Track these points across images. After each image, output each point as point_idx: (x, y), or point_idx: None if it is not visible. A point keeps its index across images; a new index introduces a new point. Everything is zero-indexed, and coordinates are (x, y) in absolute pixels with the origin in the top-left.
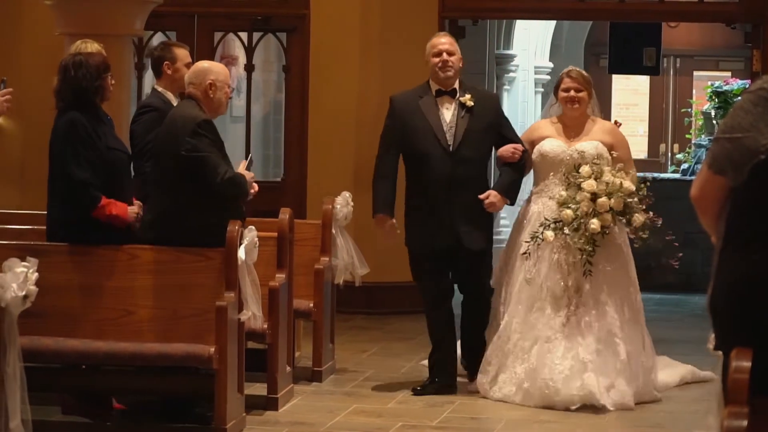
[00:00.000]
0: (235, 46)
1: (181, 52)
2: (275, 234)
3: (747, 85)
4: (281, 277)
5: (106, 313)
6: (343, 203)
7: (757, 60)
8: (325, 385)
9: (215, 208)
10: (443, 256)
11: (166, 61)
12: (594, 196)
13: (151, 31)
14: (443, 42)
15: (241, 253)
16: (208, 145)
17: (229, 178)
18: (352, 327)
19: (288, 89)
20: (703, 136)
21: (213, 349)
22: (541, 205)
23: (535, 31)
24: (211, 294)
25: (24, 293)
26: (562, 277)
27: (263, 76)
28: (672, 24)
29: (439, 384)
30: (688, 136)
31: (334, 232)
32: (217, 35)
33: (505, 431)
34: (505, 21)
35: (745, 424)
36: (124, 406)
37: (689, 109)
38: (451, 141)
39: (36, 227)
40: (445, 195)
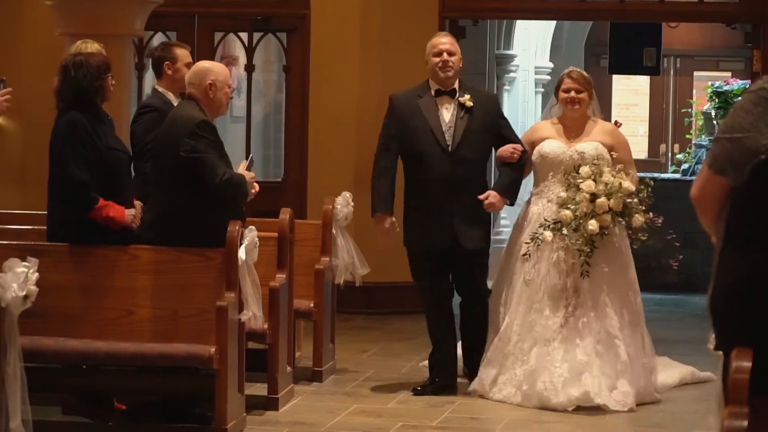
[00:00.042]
0: (235, 47)
1: (181, 53)
2: (276, 234)
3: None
4: (282, 277)
5: (107, 313)
6: (343, 203)
7: (757, 60)
8: (326, 385)
9: (215, 209)
10: (442, 256)
11: (167, 62)
12: (593, 197)
13: (152, 32)
14: (444, 42)
15: (242, 253)
16: (207, 146)
17: (227, 179)
18: (353, 327)
19: (288, 89)
20: (703, 137)
21: (213, 350)
22: (541, 206)
23: (535, 32)
24: (212, 294)
25: (24, 293)
26: (560, 277)
27: (263, 76)
28: (672, 24)
29: (440, 384)
30: (688, 136)
31: (334, 232)
32: (218, 35)
33: (505, 431)
34: (505, 21)
35: (745, 424)
36: (124, 406)
37: (689, 110)
38: (450, 141)
39: (36, 227)
40: (443, 195)
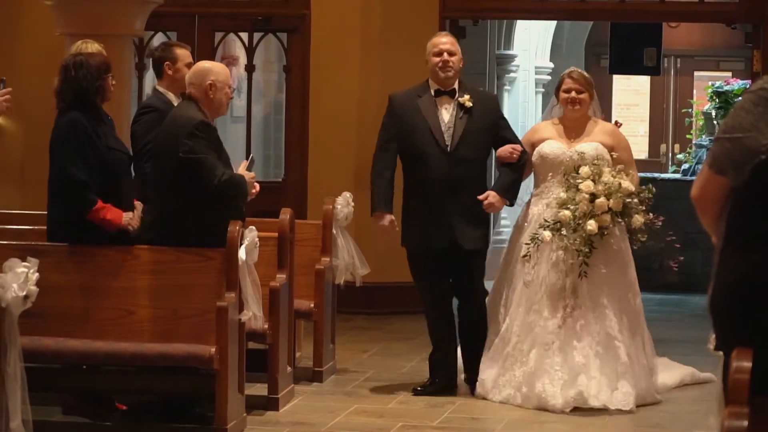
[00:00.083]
0: (235, 47)
1: (181, 53)
2: (276, 234)
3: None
4: (282, 277)
5: (107, 313)
6: (343, 203)
7: (757, 60)
8: (326, 386)
9: (214, 209)
10: (441, 256)
11: (167, 62)
12: (592, 197)
13: (152, 32)
14: (444, 42)
15: (242, 254)
16: (206, 147)
17: (225, 180)
18: (353, 327)
19: (288, 89)
20: (703, 137)
21: (213, 350)
22: (541, 207)
23: (535, 32)
24: (212, 294)
25: (24, 293)
26: (559, 278)
27: (264, 76)
28: (672, 24)
29: (440, 384)
30: (688, 136)
31: (334, 232)
32: (218, 35)
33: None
34: (505, 21)
35: (745, 424)
36: (124, 407)
37: (690, 110)
38: (449, 141)
39: (36, 227)
40: (442, 195)
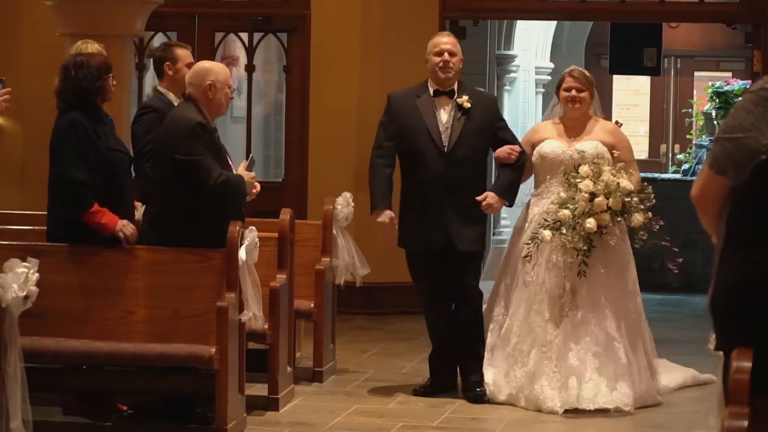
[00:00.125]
0: (235, 47)
1: (182, 53)
2: (276, 234)
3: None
4: (282, 277)
5: (107, 313)
6: (343, 204)
7: (757, 60)
8: (326, 386)
9: (213, 210)
10: (439, 257)
11: (167, 62)
12: (592, 196)
13: (152, 32)
14: (445, 42)
15: (242, 254)
16: (203, 148)
17: (222, 181)
18: (353, 327)
19: (289, 89)
20: (703, 137)
21: (214, 350)
22: (541, 207)
23: (535, 32)
24: (212, 294)
25: (25, 294)
26: (558, 278)
27: (264, 76)
28: (673, 24)
29: (440, 384)
30: (688, 136)
31: (334, 232)
32: (218, 36)
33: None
34: (505, 21)
35: (745, 424)
36: (125, 407)
37: (690, 110)
38: (446, 142)
39: (36, 228)
40: (439, 195)
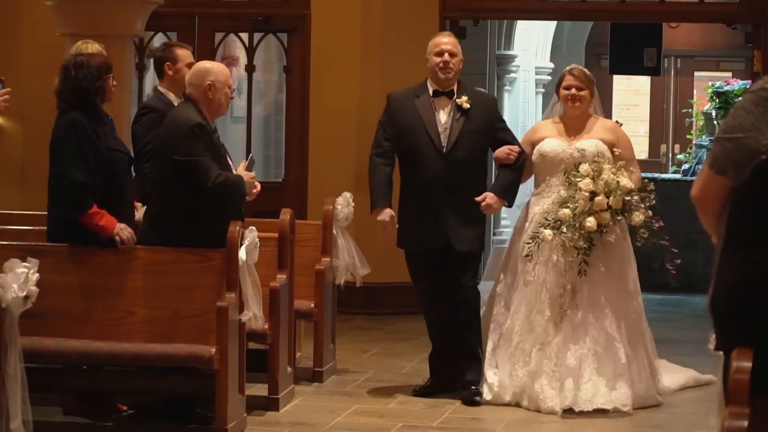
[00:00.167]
0: (235, 47)
1: (182, 53)
2: (276, 234)
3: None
4: (282, 277)
5: (107, 313)
6: (344, 204)
7: (757, 60)
8: (326, 386)
9: (212, 210)
10: (438, 257)
11: (168, 62)
12: (592, 195)
13: (152, 32)
14: (446, 42)
15: (242, 254)
16: (202, 149)
17: (220, 182)
18: (353, 327)
19: (289, 90)
20: (703, 137)
21: (214, 350)
22: (542, 206)
23: (535, 32)
24: (212, 294)
25: (25, 294)
26: (559, 278)
27: (264, 76)
28: (673, 24)
29: (440, 384)
30: (688, 136)
31: (335, 232)
32: (218, 36)
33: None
34: (505, 21)
35: (745, 424)
36: (125, 407)
37: (690, 110)
38: (445, 142)
39: (36, 228)
40: (438, 196)
